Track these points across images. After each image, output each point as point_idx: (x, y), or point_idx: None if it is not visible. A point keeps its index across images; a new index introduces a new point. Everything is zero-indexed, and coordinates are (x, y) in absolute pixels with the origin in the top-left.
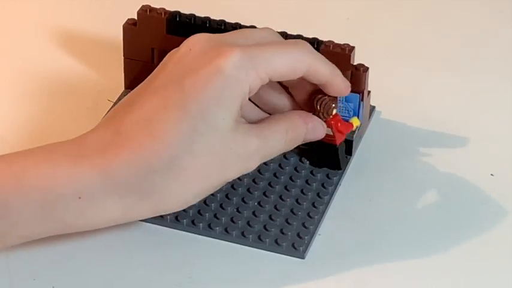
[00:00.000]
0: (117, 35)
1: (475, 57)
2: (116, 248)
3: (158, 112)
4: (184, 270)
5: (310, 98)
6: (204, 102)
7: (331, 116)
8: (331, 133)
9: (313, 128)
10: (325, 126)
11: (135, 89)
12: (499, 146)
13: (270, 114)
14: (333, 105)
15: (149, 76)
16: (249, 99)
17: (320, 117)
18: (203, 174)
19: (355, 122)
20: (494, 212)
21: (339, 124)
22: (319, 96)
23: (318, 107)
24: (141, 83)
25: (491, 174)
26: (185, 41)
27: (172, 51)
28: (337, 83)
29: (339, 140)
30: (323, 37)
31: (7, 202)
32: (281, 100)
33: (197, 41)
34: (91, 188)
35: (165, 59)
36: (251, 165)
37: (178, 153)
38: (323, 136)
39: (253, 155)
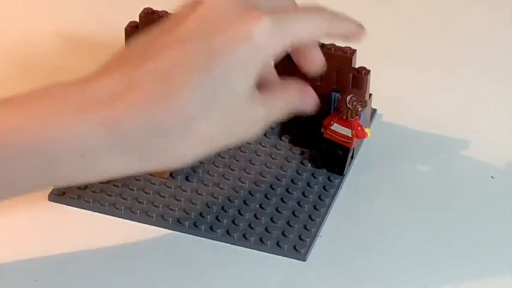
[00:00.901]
0: (119, 37)
1: (476, 60)
2: (117, 250)
3: (178, 67)
4: (185, 272)
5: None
6: (229, 66)
7: (357, 117)
8: (348, 134)
9: (305, 98)
10: (317, 100)
11: (147, 34)
12: (500, 148)
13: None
14: (360, 108)
15: (163, 24)
16: None
17: (348, 116)
18: (212, 138)
19: (369, 132)
20: (494, 214)
21: (359, 128)
22: (351, 95)
23: (349, 105)
24: (153, 30)
25: (492, 177)
26: None
27: (186, 2)
28: (352, 35)
29: (354, 143)
30: (324, 39)
31: (7, 157)
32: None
33: None
34: (94, 145)
35: (179, 10)
36: (252, 134)
37: (194, 115)
38: (314, 109)
39: (257, 124)
